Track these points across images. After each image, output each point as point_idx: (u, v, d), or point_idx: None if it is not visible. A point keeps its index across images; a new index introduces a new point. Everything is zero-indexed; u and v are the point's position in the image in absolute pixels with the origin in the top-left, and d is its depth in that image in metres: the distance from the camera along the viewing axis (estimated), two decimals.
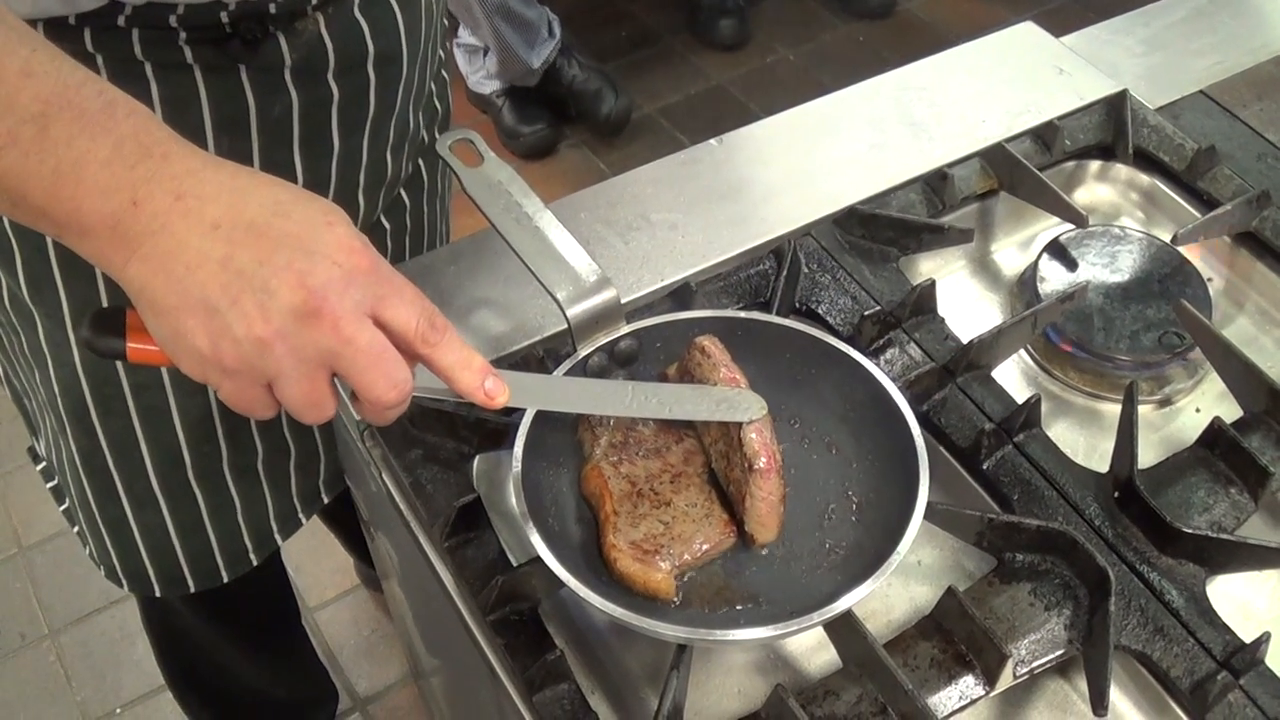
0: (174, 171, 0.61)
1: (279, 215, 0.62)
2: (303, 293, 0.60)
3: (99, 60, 0.80)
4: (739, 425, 0.74)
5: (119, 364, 0.93)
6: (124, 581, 1.11)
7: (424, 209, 1.12)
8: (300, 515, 1.12)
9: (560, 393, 0.77)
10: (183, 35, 0.80)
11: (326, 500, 1.13)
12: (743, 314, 0.84)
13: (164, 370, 0.94)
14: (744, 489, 0.74)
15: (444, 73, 1.10)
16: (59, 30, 0.78)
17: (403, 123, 0.99)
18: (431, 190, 1.13)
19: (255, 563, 1.11)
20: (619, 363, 0.83)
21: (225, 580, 1.11)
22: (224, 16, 0.80)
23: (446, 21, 1.09)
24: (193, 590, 1.11)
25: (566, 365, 0.80)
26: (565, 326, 0.80)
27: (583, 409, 0.78)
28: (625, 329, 0.82)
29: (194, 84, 0.83)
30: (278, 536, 1.11)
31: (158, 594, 1.11)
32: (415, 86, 0.98)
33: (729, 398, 0.76)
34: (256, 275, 0.60)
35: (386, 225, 1.07)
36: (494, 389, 0.69)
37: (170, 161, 0.61)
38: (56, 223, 0.61)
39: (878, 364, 0.81)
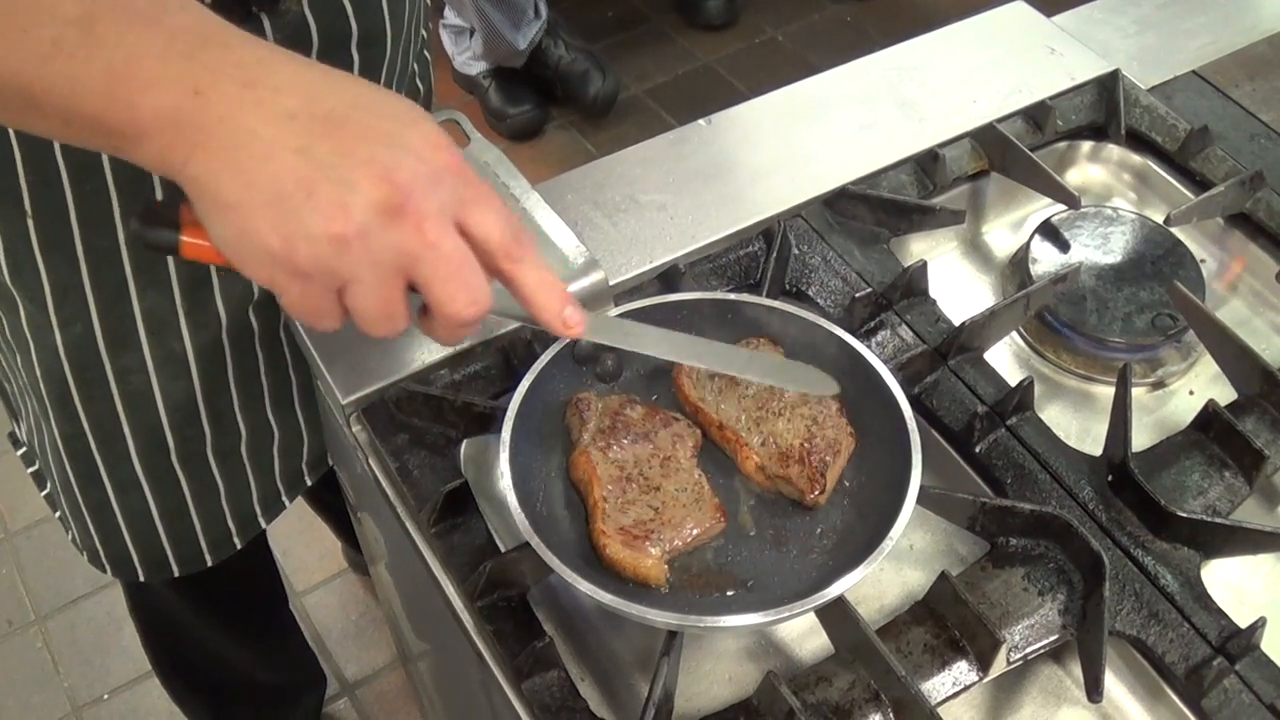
0: (239, 59, 0.56)
1: (359, 109, 0.57)
2: (386, 187, 0.56)
3: None
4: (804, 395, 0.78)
5: (100, 347, 0.92)
6: (107, 566, 1.10)
7: None
8: (284, 498, 1.11)
9: (637, 335, 0.74)
10: None
11: (310, 483, 1.12)
12: (732, 296, 0.83)
13: (147, 354, 0.93)
14: (808, 452, 0.76)
15: (426, 52, 1.09)
16: None
17: None
18: None
19: (239, 546, 1.10)
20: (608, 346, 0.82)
21: (209, 564, 1.10)
22: None
23: (429, 1, 1.07)
24: (176, 574, 1.10)
25: (554, 349, 0.79)
26: None
27: (657, 353, 0.75)
28: (614, 311, 0.81)
29: None
30: (261, 520, 1.10)
31: (141, 579, 1.10)
32: (399, 67, 0.97)
33: (799, 370, 0.77)
34: (337, 167, 0.55)
35: None
36: (572, 317, 0.65)
37: (233, 50, 0.56)
38: (111, 130, 0.56)
39: (869, 346, 0.80)
